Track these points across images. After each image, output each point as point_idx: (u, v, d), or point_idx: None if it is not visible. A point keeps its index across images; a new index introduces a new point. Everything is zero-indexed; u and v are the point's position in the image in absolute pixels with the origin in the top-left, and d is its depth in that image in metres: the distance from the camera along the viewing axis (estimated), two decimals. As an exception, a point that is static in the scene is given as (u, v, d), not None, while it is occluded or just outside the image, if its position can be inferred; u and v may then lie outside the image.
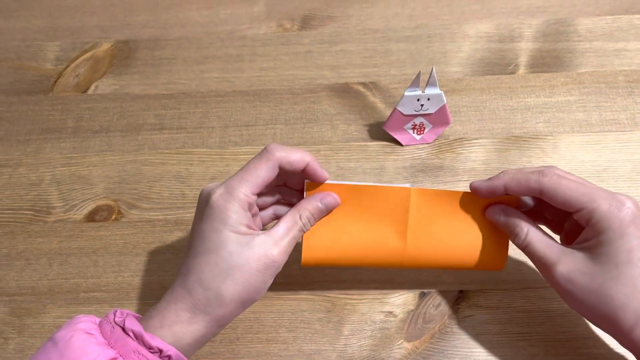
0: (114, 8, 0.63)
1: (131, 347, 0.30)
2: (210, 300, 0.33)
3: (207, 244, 0.33)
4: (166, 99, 0.55)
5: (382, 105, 0.53)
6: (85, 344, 0.30)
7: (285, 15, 0.61)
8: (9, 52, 0.60)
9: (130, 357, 0.30)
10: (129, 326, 0.31)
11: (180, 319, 0.33)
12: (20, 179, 0.50)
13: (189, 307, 0.33)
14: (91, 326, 0.32)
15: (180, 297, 0.33)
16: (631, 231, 0.32)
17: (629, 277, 0.32)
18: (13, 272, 0.45)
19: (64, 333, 0.31)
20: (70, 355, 0.30)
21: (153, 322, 0.33)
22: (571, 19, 0.59)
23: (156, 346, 0.31)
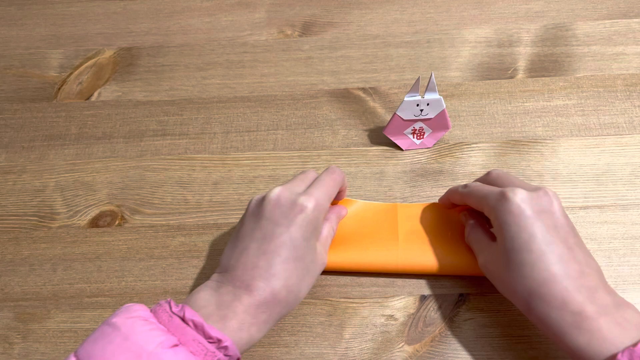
0: (117, 16, 0.64)
1: (190, 336, 0.31)
2: (289, 303, 0.36)
3: (298, 251, 0.36)
4: (168, 106, 0.56)
5: (382, 110, 0.54)
6: (148, 329, 0.31)
7: (285, 22, 0.62)
8: (13, 60, 0.61)
9: (189, 344, 0.31)
10: (189, 316, 0.32)
11: (247, 317, 0.34)
12: (24, 186, 0.51)
13: (259, 305, 0.34)
14: (148, 314, 0.32)
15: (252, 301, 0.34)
16: (513, 221, 0.35)
17: (515, 264, 0.35)
18: (17, 277, 0.46)
19: (123, 320, 0.31)
20: (135, 339, 0.30)
21: (212, 317, 0.33)
22: (569, 23, 0.59)
23: (215, 336, 0.32)
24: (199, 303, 0.34)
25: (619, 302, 0.33)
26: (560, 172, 0.49)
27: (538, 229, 0.35)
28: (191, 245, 0.47)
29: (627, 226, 0.46)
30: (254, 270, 0.35)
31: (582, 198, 0.47)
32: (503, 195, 0.37)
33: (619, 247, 0.45)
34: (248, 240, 0.37)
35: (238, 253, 0.37)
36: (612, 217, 0.46)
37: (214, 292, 0.35)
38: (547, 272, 0.34)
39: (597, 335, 0.32)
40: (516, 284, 0.35)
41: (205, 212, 0.48)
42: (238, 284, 0.35)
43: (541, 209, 0.36)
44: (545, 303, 0.34)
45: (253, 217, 0.38)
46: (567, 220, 0.37)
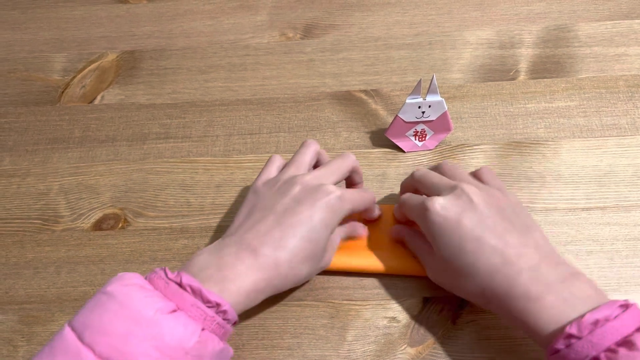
0: (120, 19, 0.64)
1: (189, 301, 0.31)
2: (287, 280, 0.36)
3: (313, 234, 0.37)
4: (171, 109, 0.56)
5: (383, 113, 0.54)
6: (144, 295, 0.31)
7: (287, 25, 0.62)
8: (17, 63, 0.61)
9: (188, 309, 0.31)
10: (186, 282, 0.32)
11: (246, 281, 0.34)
12: (28, 189, 0.51)
13: (260, 271, 0.35)
14: (143, 282, 0.32)
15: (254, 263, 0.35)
16: (440, 230, 0.37)
17: (457, 269, 0.37)
18: (22, 280, 0.46)
19: (118, 288, 0.31)
20: (131, 306, 0.30)
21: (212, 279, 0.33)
22: (571, 24, 0.59)
23: (214, 300, 0.32)
24: (199, 265, 0.34)
25: (564, 276, 0.34)
26: (562, 174, 0.49)
27: (465, 229, 0.36)
28: (194, 247, 0.47)
29: (629, 227, 0.45)
30: (265, 237, 0.36)
31: (585, 199, 0.47)
32: (424, 207, 0.38)
33: (621, 249, 0.45)
34: (267, 212, 0.38)
35: (253, 221, 0.37)
36: (615, 219, 0.46)
37: (215, 253, 0.35)
38: (487, 265, 0.35)
39: (545, 315, 0.32)
40: (467, 285, 0.37)
41: (208, 214, 0.48)
42: (244, 247, 0.36)
43: (462, 208, 0.37)
44: (495, 294, 0.35)
45: (278, 194, 0.39)
46: (492, 207, 0.37)
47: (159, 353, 0.29)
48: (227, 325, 0.33)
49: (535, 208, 0.47)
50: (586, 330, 0.30)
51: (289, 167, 0.42)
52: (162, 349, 0.29)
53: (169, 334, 0.30)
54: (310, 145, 0.43)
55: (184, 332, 0.30)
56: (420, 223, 0.39)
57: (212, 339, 0.32)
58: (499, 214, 0.37)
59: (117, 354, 0.29)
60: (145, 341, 0.29)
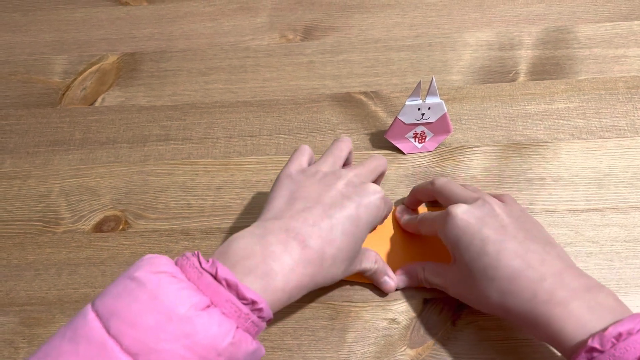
0: (120, 21, 0.64)
1: (224, 296, 0.29)
2: (327, 275, 0.35)
3: (357, 231, 0.36)
4: (171, 110, 0.56)
5: (383, 114, 0.54)
6: (178, 288, 0.28)
7: (287, 26, 0.62)
8: (17, 65, 0.61)
9: (222, 305, 0.29)
10: (222, 275, 0.29)
11: (293, 276, 0.32)
12: (29, 191, 0.52)
13: (308, 264, 0.33)
14: (175, 269, 0.30)
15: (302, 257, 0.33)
16: (462, 233, 0.37)
17: (478, 272, 0.36)
18: (23, 282, 0.46)
19: (148, 275, 0.29)
20: (164, 299, 0.28)
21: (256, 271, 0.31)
22: (571, 26, 0.59)
23: (250, 298, 0.29)
24: (241, 252, 0.32)
25: (589, 285, 0.34)
26: (562, 175, 0.49)
27: (487, 232, 0.36)
28: (195, 249, 0.47)
29: (629, 229, 0.46)
30: (314, 227, 0.34)
31: (584, 201, 0.47)
32: (447, 214, 0.38)
33: (620, 250, 0.45)
34: (313, 202, 0.36)
35: (298, 209, 0.35)
36: (614, 220, 0.46)
37: (259, 239, 0.33)
38: (510, 268, 0.35)
39: (569, 321, 0.32)
40: (487, 290, 0.36)
41: (209, 216, 0.49)
42: (292, 235, 0.33)
43: (484, 215, 0.37)
44: (518, 299, 0.34)
45: (321, 186, 0.37)
46: (513, 219, 0.38)
47: (190, 352, 0.27)
48: (262, 324, 0.31)
49: (535, 210, 0.47)
50: (609, 344, 0.30)
51: (325, 159, 0.40)
52: (194, 348, 0.27)
53: (202, 333, 0.27)
54: (347, 142, 0.42)
55: (218, 331, 0.28)
56: (442, 231, 0.39)
57: (245, 339, 0.29)
58: (521, 225, 0.37)
59: (146, 350, 0.26)
60: (177, 339, 0.27)
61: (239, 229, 0.47)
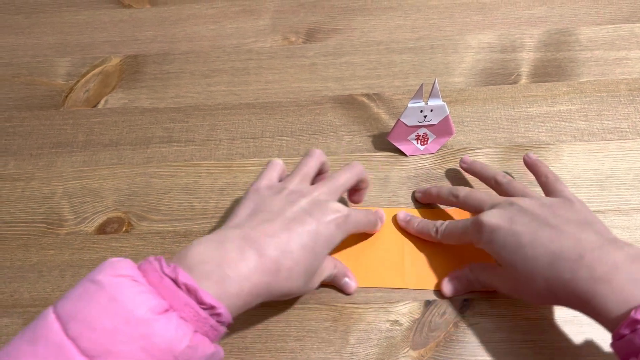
0: (123, 24, 0.65)
1: (183, 301, 0.30)
2: (283, 288, 0.35)
3: (317, 247, 0.37)
4: (174, 113, 0.56)
5: (385, 116, 0.54)
6: (137, 291, 0.29)
7: (290, 29, 0.62)
8: (21, 68, 0.62)
9: (181, 309, 0.29)
10: (182, 280, 0.30)
11: (247, 284, 0.33)
12: (33, 193, 0.52)
13: (264, 273, 0.33)
14: (136, 273, 0.30)
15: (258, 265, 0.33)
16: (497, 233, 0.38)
17: (520, 262, 0.37)
18: (26, 284, 0.46)
19: (108, 278, 0.29)
20: (123, 302, 0.28)
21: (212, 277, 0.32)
22: (572, 28, 0.60)
23: (209, 303, 0.30)
24: (198, 257, 0.32)
25: (634, 256, 0.33)
26: (564, 177, 0.49)
27: (518, 227, 0.37)
28: (197, 251, 0.47)
29: (630, 231, 0.46)
30: (273, 238, 0.35)
31: (586, 203, 0.47)
32: (478, 222, 0.39)
33: (623, 252, 0.45)
34: (275, 215, 0.37)
35: (259, 220, 0.36)
36: (616, 222, 0.46)
37: (218, 245, 0.33)
38: (547, 254, 0.35)
39: (612, 296, 0.32)
40: (533, 281, 0.36)
41: (212, 218, 0.49)
42: (250, 242, 0.34)
43: (512, 214, 0.38)
44: (560, 281, 0.34)
45: (285, 201, 0.38)
46: (544, 208, 0.39)
47: (147, 355, 0.27)
48: (221, 328, 0.32)
49: (537, 211, 0.47)
50: None
51: (293, 176, 0.41)
52: (151, 351, 0.28)
53: (159, 336, 0.28)
54: (316, 155, 0.43)
55: (175, 334, 0.28)
56: (477, 241, 0.40)
57: (203, 343, 0.30)
58: (553, 211, 0.38)
59: (103, 352, 0.27)
60: (134, 342, 0.27)
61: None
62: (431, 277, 0.44)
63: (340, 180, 0.41)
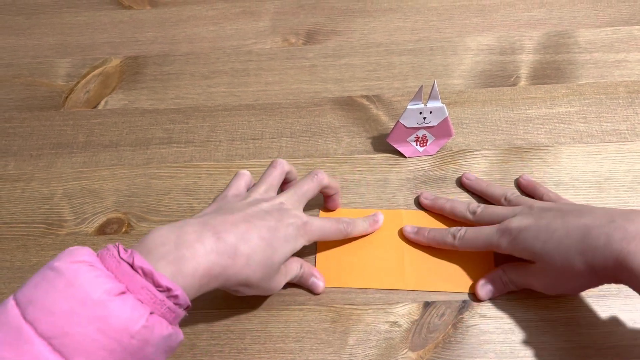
0: (123, 25, 0.65)
1: (139, 283, 0.31)
2: (241, 275, 0.36)
3: (274, 241, 0.38)
4: (174, 114, 0.56)
5: (385, 118, 0.54)
6: (94, 275, 0.30)
7: (290, 30, 0.63)
8: (21, 68, 0.62)
9: (137, 292, 0.30)
10: (138, 263, 0.31)
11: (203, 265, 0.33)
12: (33, 193, 0.52)
13: (220, 256, 0.34)
14: (94, 259, 0.31)
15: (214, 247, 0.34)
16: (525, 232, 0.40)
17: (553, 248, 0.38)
18: (26, 284, 0.46)
19: (67, 264, 0.30)
20: (79, 285, 0.29)
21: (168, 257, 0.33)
22: (571, 30, 0.60)
23: (165, 285, 0.31)
24: (157, 240, 0.33)
25: None
26: (563, 179, 0.49)
27: (547, 219, 0.39)
28: (197, 252, 0.47)
29: (629, 233, 0.46)
30: (232, 227, 0.36)
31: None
32: (506, 228, 0.41)
33: (621, 254, 0.45)
34: (237, 212, 0.38)
35: (223, 213, 0.38)
36: (615, 224, 0.46)
37: (176, 228, 0.34)
38: (579, 227, 0.37)
39: None
40: (571, 264, 0.37)
41: (211, 219, 0.49)
42: (209, 228, 0.35)
43: (537, 214, 0.41)
44: (597, 250, 0.35)
45: (247, 205, 0.39)
46: (565, 203, 0.43)
47: (103, 335, 0.28)
48: (179, 310, 0.32)
49: (536, 213, 0.47)
50: None
51: (258, 186, 0.42)
52: (107, 331, 0.28)
53: (115, 317, 0.29)
54: (279, 166, 0.44)
55: (131, 315, 0.29)
56: (504, 243, 0.41)
57: (160, 323, 0.31)
58: (574, 204, 0.42)
59: (60, 334, 0.28)
60: (90, 323, 0.28)
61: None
62: (431, 279, 0.44)
63: (302, 189, 0.43)
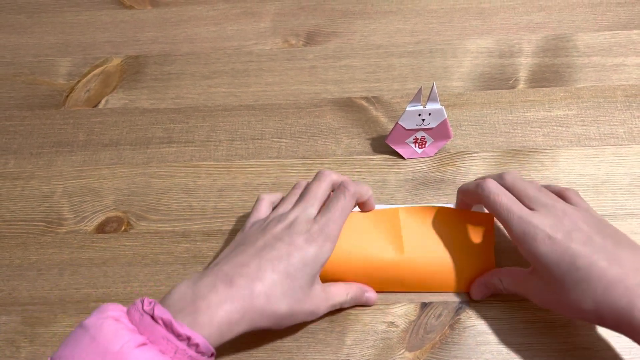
0: (124, 24, 0.65)
1: (160, 334, 0.31)
2: (265, 314, 0.36)
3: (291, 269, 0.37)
4: (174, 113, 0.57)
5: (384, 120, 0.55)
6: (115, 329, 0.31)
7: (290, 32, 0.63)
8: (22, 67, 0.62)
9: (159, 342, 0.31)
10: (158, 314, 0.32)
11: (219, 312, 0.34)
12: (32, 191, 0.52)
13: (234, 302, 0.34)
14: (120, 314, 0.32)
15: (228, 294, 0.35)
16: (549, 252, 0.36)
17: (569, 286, 0.36)
18: (25, 282, 0.47)
19: (94, 320, 0.32)
20: (101, 340, 0.30)
21: (185, 310, 0.33)
22: (570, 34, 0.60)
23: (184, 334, 0.32)
24: (175, 297, 0.35)
25: None
26: (560, 182, 0.49)
27: (575, 247, 0.36)
28: (196, 251, 0.47)
29: (626, 236, 0.46)
30: (242, 268, 0.36)
31: (582, 207, 0.48)
32: (529, 236, 0.37)
33: (618, 257, 0.45)
34: (248, 245, 0.38)
35: (236, 254, 0.38)
36: (612, 227, 0.46)
37: (192, 284, 0.35)
38: (604, 279, 0.34)
39: None
40: (579, 301, 0.35)
41: (210, 218, 0.49)
42: (221, 277, 0.36)
43: (570, 228, 0.37)
44: (614, 307, 0.34)
45: (261, 232, 0.39)
46: (594, 226, 0.37)
47: None
48: (202, 358, 0.33)
49: (533, 215, 0.47)
50: None
51: (279, 206, 0.42)
52: None
53: None
54: (303, 185, 0.44)
55: None
56: (528, 249, 0.37)
57: None
58: (603, 230, 0.37)
59: None
60: None
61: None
62: (430, 279, 0.44)
63: (312, 192, 0.42)
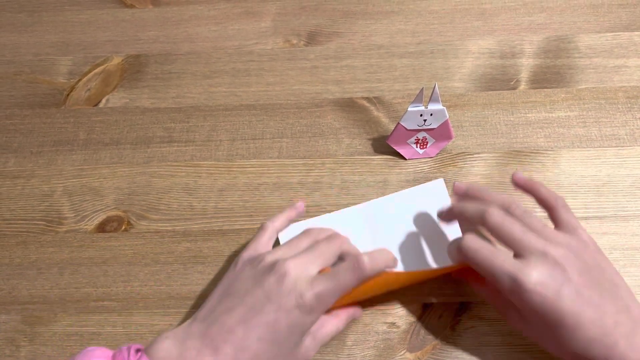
0: (125, 24, 0.65)
1: None
2: None
3: (278, 336, 0.35)
4: (175, 113, 0.56)
5: (385, 120, 0.55)
6: None
7: (291, 31, 0.63)
8: (23, 66, 0.62)
9: None
10: None
11: None
12: (33, 190, 0.52)
13: None
14: (105, 359, 0.33)
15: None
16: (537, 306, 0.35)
17: (552, 334, 0.36)
18: (25, 281, 0.47)
19: None
20: None
21: None
22: (572, 35, 0.60)
23: None
24: (160, 354, 0.34)
25: None
26: (562, 183, 0.49)
27: (564, 307, 0.35)
28: (196, 251, 0.47)
29: (627, 237, 0.46)
30: (229, 334, 0.35)
31: (583, 209, 0.48)
32: (517, 284, 0.35)
33: (619, 258, 0.45)
34: (237, 302, 0.36)
35: (222, 310, 0.36)
36: (613, 228, 0.46)
37: (179, 343, 0.35)
38: (585, 337, 0.34)
39: None
40: (561, 347, 0.36)
41: (211, 218, 0.49)
42: (207, 342, 0.35)
43: (559, 283, 0.35)
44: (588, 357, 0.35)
45: (253, 280, 0.37)
46: (585, 275, 0.36)
47: None
48: None
49: (535, 216, 0.47)
50: None
51: (281, 248, 0.40)
52: None
53: None
54: (313, 236, 0.41)
55: None
56: (510, 296, 0.36)
57: None
58: (591, 279, 0.36)
59: None
60: None
61: (241, 231, 0.48)
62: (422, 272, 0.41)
63: (319, 250, 0.39)
